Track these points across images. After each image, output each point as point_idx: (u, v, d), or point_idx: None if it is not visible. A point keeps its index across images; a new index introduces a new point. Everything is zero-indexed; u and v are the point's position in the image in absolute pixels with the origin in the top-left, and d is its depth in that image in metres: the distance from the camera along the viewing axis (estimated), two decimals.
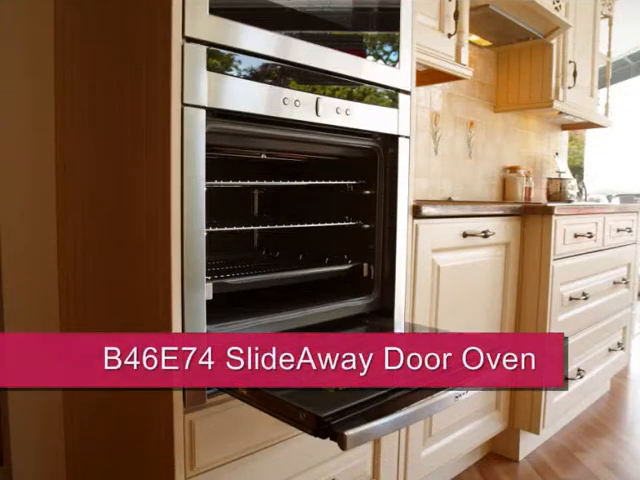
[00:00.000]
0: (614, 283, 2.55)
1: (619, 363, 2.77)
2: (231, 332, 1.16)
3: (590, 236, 2.21)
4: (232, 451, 1.15)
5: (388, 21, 1.41)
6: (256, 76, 1.11)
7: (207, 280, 1.10)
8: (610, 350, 2.63)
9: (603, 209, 2.38)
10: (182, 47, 0.99)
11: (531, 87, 2.92)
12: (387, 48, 1.41)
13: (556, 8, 2.53)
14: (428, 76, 2.19)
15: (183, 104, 1.00)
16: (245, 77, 1.09)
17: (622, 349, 2.74)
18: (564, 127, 3.80)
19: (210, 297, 1.11)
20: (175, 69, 0.98)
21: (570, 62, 2.92)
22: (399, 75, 1.44)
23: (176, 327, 1.02)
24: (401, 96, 1.45)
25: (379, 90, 1.39)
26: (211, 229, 1.14)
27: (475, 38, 2.75)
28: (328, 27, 1.26)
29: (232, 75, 1.07)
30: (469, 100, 2.87)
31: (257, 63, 1.11)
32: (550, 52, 2.84)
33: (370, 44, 1.36)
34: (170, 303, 1.01)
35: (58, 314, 1.40)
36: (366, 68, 1.34)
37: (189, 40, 1.00)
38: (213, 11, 1.03)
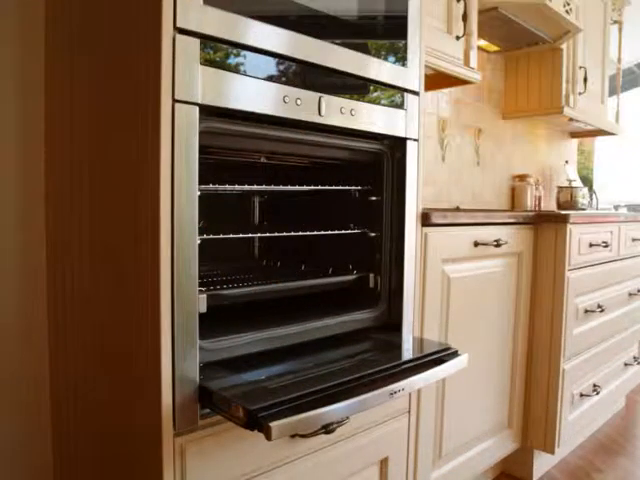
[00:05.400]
0: (629, 295, 2.46)
1: (635, 378, 2.67)
2: (226, 347, 1.08)
3: (605, 245, 2.12)
4: (228, 477, 1.06)
5: (396, 17, 1.34)
6: (254, 72, 1.04)
7: (201, 291, 1.03)
8: (626, 364, 2.53)
9: (618, 217, 2.29)
10: (173, 39, 0.92)
11: (540, 93, 2.84)
12: (395, 45, 1.33)
13: (567, 11, 2.46)
14: (435, 80, 2.12)
15: (174, 100, 0.92)
16: (242, 73, 1.02)
17: (638, 363, 2.64)
18: (573, 135, 3.72)
19: (204, 310, 1.03)
20: (165, 62, 0.91)
21: (580, 67, 2.85)
22: (407, 74, 1.37)
23: (165, 342, 0.94)
24: (409, 97, 1.38)
25: (386, 90, 1.32)
26: (205, 236, 1.06)
27: (483, 43, 2.68)
28: (331, 21, 1.19)
29: (228, 70, 1.00)
30: (477, 107, 2.80)
31: (255, 58, 1.04)
32: (560, 57, 2.77)
33: (377, 41, 1.29)
34: (159, 316, 0.93)
35: (47, 322, 1.33)
36: (372, 66, 1.27)
37: (181, 32, 0.93)
38: (207, 1, 0.96)
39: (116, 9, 1.02)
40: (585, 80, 2.88)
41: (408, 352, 1.30)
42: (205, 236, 1.07)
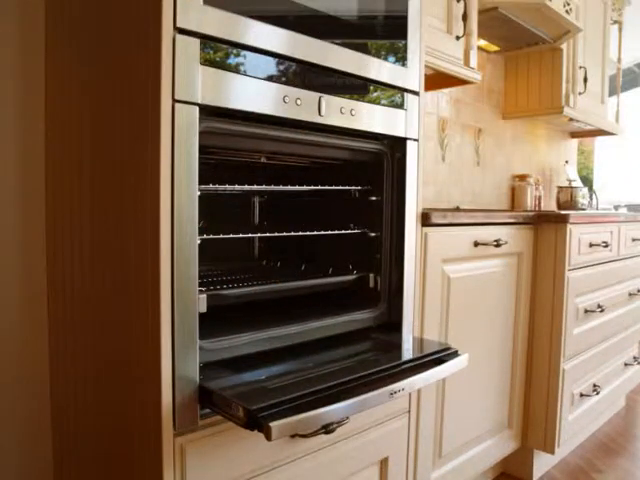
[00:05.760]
0: (629, 295, 2.46)
1: (635, 378, 2.67)
2: (226, 347, 1.08)
3: (605, 245, 2.12)
4: (228, 477, 1.06)
5: (396, 17, 1.34)
6: (254, 72, 1.04)
7: (201, 291, 1.02)
8: (626, 364, 2.53)
9: (618, 218, 2.29)
10: (173, 39, 0.92)
11: (540, 93, 2.84)
12: (395, 45, 1.33)
13: (567, 11, 2.45)
14: (435, 80, 2.12)
15: (174, 100, 0.92)
16: (242, 73, 1.02)
17: (638, 363, 2.63)
18: (573, 135, 3.72)
19: (204, 310, 1.03)
20: (165, 62, 0.90)
21: (580, 67, 2.85)
22: (407, 74, 1.36)
23: (165, 342, 0.94)
24: (409, 97, 1.37)
25: (386, 90, 1.31)
26: (205, 236, 1.06)
27: (483, 43, 2.68)
28: (331, 21, 1.18)
29: (228, 70, 0.99)
30: (477, 107, 2.80)
31: (255, 58, 1.04)
32: (560, 57, 2.77)
33: (377, 41, 1.29)
34: (159, 316, 0.93)
35: (47, 322, 1.33)
36: (372, 66, 1.27)
37: (181, 32, 0.93)
38: (207, 1, 0.96)
39: (116, 9, 1.02)
40: (585, 80, 2.88)
41: (408, 352, 1.29)
42: (205, 236, 1.07)
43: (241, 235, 1.21)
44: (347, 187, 1.43)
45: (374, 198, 1.41)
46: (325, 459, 1.23)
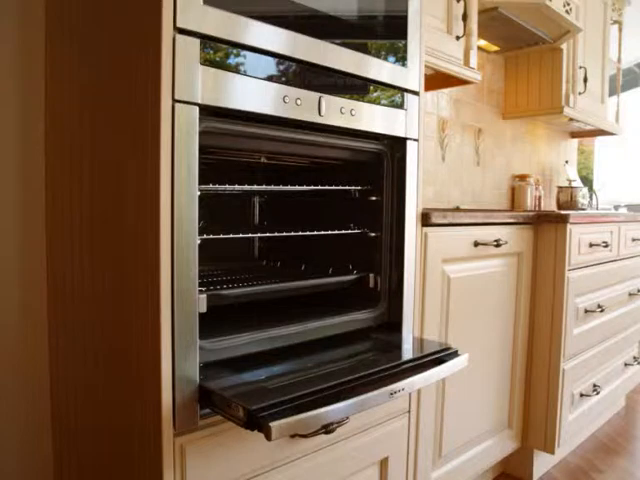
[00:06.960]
0: (629, 295, 2.46)
1: (635, 378, 2.67)
2: (226, 347, 1.08)
3: (605, 245, 2.12)
4: (228, 477, 1.06)
5: (396, 17, 1.34)
6: (254, 72, 1.04)
7: (201, 292, 1.02)
8: (626, 365, 2.53)
9: (618, 218, 2.29)
10: (173, 39, 0.92)
11: (540, 93, 2.84)
12: (395, 45, 1.33)
13: (567, 11, 2.45)
14: (435, 80, 2.12)
15: (174, 100, 0.92)
16: (242, 73, 1.02)
17: (638, 363, 2.63)
18: (573, 135, 3.72)
19: (204, 310, 1.03)
20: (165, 62, 0.90)
21: (580, 67, 2.85)
22: (407, 74, 1.36)
23: (165, 342, 0.94)
24: (409, 97, 1.37)
25: (386, 90, 1.32)
26: (205, 236, 1.06)
27: (483, 43, 2.68)
28: (331, 21, 1.18)
29: (228, 70, 1.00)
30: (477, 107, 2.80)
31: (255, 58, 1.04)
32: (560, 57, 2.77)
33: (376, 41, 1.29)
34: (159, 316, 0.93)
35: (47, 322, 1.32)
36: (372, 66, 1.27)
37: (181, 32, 0.93)
38: (207, 1, 0.96)
39: (116, 9, 1.02)
40: (585, 80, 2.88)
41: (408, 352, 1.29)
42: (205, 236, 1.07)
43: (241, 235, 1.21)
44: (347, 187, 1.43)
45: (374, 198, 1.41)
46: (325, 459, 1.23)
